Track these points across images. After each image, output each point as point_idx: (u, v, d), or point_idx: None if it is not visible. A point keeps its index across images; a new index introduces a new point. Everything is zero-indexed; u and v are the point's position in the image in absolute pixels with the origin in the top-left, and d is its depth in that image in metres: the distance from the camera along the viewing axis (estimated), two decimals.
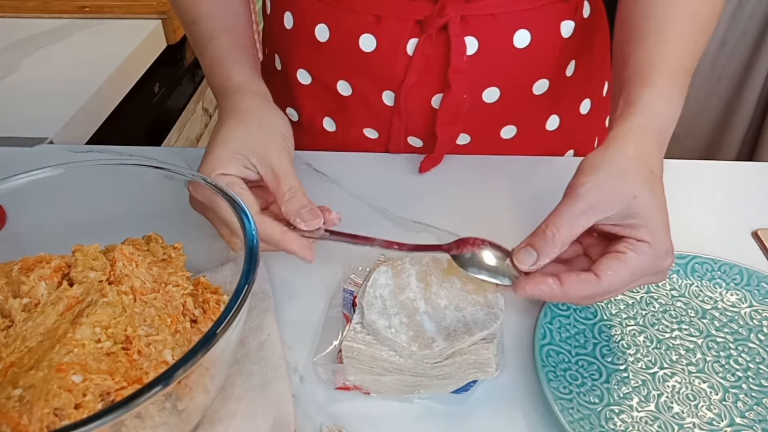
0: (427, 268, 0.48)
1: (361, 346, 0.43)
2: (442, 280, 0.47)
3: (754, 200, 0.62)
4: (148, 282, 0.40)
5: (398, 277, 0.47)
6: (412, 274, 0.48)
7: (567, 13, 0.61)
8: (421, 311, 0.45)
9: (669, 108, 0.47)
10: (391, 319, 0.44)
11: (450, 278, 0.47)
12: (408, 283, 0.47)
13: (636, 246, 0.42)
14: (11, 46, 1.02)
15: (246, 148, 0.48)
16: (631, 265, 0.41)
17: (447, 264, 0.46)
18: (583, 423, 0.40)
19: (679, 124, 0.49)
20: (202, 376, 0.35)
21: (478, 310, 0.45)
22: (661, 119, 0.46)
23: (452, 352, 0.42)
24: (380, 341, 0.43)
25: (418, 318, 0.44)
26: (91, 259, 0.40)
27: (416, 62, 0.60)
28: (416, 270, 0.48)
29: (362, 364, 0.43)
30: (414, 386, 0.42)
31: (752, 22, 1.67)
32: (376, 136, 0.68)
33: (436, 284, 0.47)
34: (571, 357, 0.45)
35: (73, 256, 0.41)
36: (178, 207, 0.47)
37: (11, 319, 0.38)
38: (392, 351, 0.42)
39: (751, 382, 0.44)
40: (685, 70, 0.49)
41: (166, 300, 0.40)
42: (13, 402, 0.32)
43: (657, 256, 0.42)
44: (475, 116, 0.64)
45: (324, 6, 0.61)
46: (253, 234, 0.40)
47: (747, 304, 0.49)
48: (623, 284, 0.42)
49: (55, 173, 0.45)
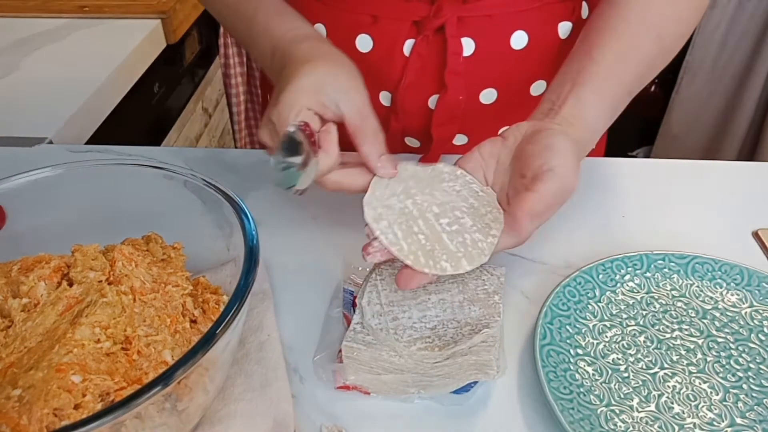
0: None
1: (361, 347, 0.43)
2: (441, 280, 0.47)
3: (754, 200, 0.62)
4: (147, 282, 0.40)
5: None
6: None
7: (564, 14, 0.61)
8: (421, 312, 0.45)
9: (600, 126, 0.48)
10: (391, 320, 0.44)
11: (448, 279, 0.47)
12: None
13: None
14: (11, 46, 1.02)
15: (331, 83, 0.45)
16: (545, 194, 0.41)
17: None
18: (583, 423, 0.40)
19: (680, 124, 0.49)
20: (201, 376, 0.35)
21: (476, 309, 0.45)
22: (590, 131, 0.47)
23: (452, 352, 0.42)
24: (380, 342, 0.43)
25: (418, 318, 0.44)
26: (91, 259, 0.40)
27: (412, 63, 0.60)
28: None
29: (362, 364, 0.42)
30: (414, 386, 0.42)
31: (752, 23, 1.67)
32: None
33: (435, 284, 0.47)
34: (572, 357, 0.45)
35: (72, 256, 0.41)
36: (177, 207, 0.47)
37: (11, 319, 0.38)
38: (392, 351, 0.42)
39: (751, 383, 0.44)
40: (630, 95, 0.50)
41: (165, 300, 0.40)
42: (12, 402, 0.32)
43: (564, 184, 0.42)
44: (473, 117, 0.64)
45: (321, 6, 0.61)
46: (252, 234, 0.40)
47: (747, 304, 0.49)
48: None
49: (55, 173, 0.45)
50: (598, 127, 0.48)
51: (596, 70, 0.48)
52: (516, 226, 0.42)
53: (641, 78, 0.50)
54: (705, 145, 1.88)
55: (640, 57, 0.50)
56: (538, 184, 0.41)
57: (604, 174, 0.65)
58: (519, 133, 0.46)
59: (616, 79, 0.48)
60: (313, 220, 0.59)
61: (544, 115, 0.47)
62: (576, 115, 0.46)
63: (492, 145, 0.46)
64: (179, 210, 0.47)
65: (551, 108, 0.47)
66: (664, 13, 0.50)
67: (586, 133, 0.46)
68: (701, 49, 1.74)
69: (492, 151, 0.46)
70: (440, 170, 0.47)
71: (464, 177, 0.46)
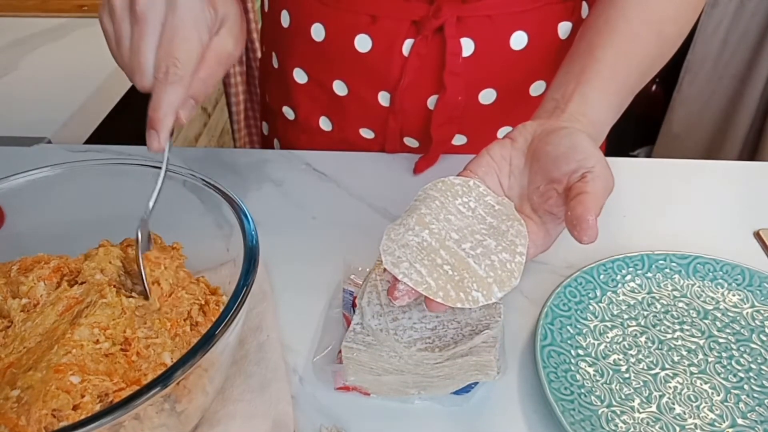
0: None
1: (361, 347, 0.42)
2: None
3: (756, 200, 0.62)
4: (166, 287, 0.40)
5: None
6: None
7: (565, 14, 0.61)
8: (422, 312, 0.45)
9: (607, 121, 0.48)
10: (391, 321, 0.44)
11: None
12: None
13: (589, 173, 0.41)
14: (9, 46, 1.02)
15: None
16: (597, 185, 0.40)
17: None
18: (584, 424, 0.40)
19: (681, 124, 0.49)
20: (200, 377, 0.35)
21: (476, 310, 0.45)
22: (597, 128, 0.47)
23: (453, 353, 0.42)
24: (380, 342, 0.43)
25: (418, 319, 0.44)
26: (108, 261, 0.40)
27: (411, 63, 0.60)
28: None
29: (362, 365, 0.42)
30: (414, 387, 0.42)
31: (754, 21, 1.66)
32: (372, 136, 0.68)
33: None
34: (572, 358, 0.45)
35: (95, 250, 0.41)
36: (177, 207, 0.47)
37: (10, 319, 0.38)
38: (393, 352, 0.42)
39: (753, 383, 0.44)
40: (632, 94, 0.50)
41: (173, 305, 0.39)
42: (11, 403, 0.32)
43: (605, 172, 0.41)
44: (472, 117, 0.64)
45: (320, 5, 0.61)
46: (252, 234, 0.39)
47: (749, 304, 0.49)
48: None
49: (54, 173, 0.45)
50: (603, 126, 0.47)
51: (600, 69, 0.47)
52: (585, 228, 0.39)
53: (643, 76, 0.50)
54: (706, 145, 1.88)
55: (641, 56, 0.50)
56: (587, 186, 0.39)
57: None
58: (528, 134, 0.44)
59: (619, 77, 0.48)
60: (313, 220, 0.59)
61: (549, 114, 0.46)
62: (582, 113, 0.46)
63: (502, 148, 0.45)
64: (179, 210, 0.47)
65: (556, 106, 0.46)
66: (664, 12, 0.50)
67: (592, 131, 0.46)
68: (702, 48, 1.74)
69: (503, 153, 0.45)
70: (451, 183, 0.44)
71: (478, 188, 0.44)
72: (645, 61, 0.50)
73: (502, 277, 0.40)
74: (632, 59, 0.49)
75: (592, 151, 0.41)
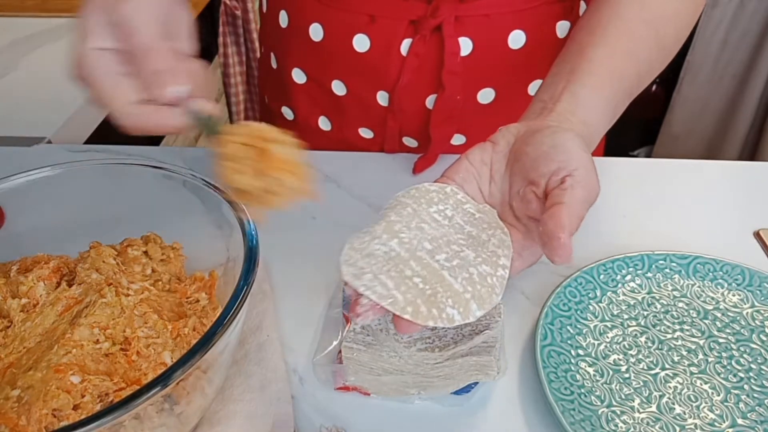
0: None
1: (361, 347, 0.42)
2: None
3: (756, 200, 0.62)
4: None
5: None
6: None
7: (563, 13, 0.61)
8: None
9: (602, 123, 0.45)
10: (390, 320, 0.44)
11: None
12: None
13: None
14: (10, 46, 1.02)
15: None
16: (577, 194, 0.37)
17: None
18: (584, 424, 0.40)
19: (681, 124, 0.48)
20: (200, 377, 0.35)
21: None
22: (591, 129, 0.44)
23: (453, 353, 0.42)
24: (380, 342, 0.43)
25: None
26: (102, 261, 0.40)
27: (410, 63, 0.60)
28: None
29: (362, 365, 0.42)
30: (414, 387, 0.42)
31: (754, 21, 1.66)
32: (371, 136, 0.68)
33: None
34: (572, 358, 0.45)
35: (86, 253, 0.41)
36: (177, 207, 0.47)
37: (10, 319, 0.38)
38: (392, 352, 0.42)
39: (753, 383, 0.44)
40: (630, 97, 0.47)
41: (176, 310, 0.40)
42: (11, 403, 0.32)
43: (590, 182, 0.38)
44: (471, 117, 0.64)
45: (318, 5, 0.61)
46: (252, 234, 0.39)
47: (749, 304, 0.49)
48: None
49: (54, 173, 0.45)
50: (596, 127, 0.44)
51: (590, 68, 0.44)
52: (556, 248, 0.34)
53: (641, 78, 0.48)
54: (706, 145, 1.88)
55: (638, 55, 0.47)
56: (564, 195, 0.36)
57: (605, 174, 0.64)
58: (510, 136, 0.41)
59: (612, 76, 0.45)
60: (312, 220, 0.59)
61: (536, 115, 0.43)
62: (572, 111, 0.42)
63: (482, 152, 0.41)
64: (178, 210, 0.47)
65: (544, 107, 0.43)
66: (663, 12, 0.49)
67: (583, 131, 0.42)
68: (702, 49, 1.74)
69: (482, 158, 0.41)
70: (426, 190, 0.40)
71: (455, 195, 0.40)
72: (642, 61, 0.48)
73: (482, 292, 0.35)
74: (627, 58, 0.46)
75: (576, 152, 0.38)
